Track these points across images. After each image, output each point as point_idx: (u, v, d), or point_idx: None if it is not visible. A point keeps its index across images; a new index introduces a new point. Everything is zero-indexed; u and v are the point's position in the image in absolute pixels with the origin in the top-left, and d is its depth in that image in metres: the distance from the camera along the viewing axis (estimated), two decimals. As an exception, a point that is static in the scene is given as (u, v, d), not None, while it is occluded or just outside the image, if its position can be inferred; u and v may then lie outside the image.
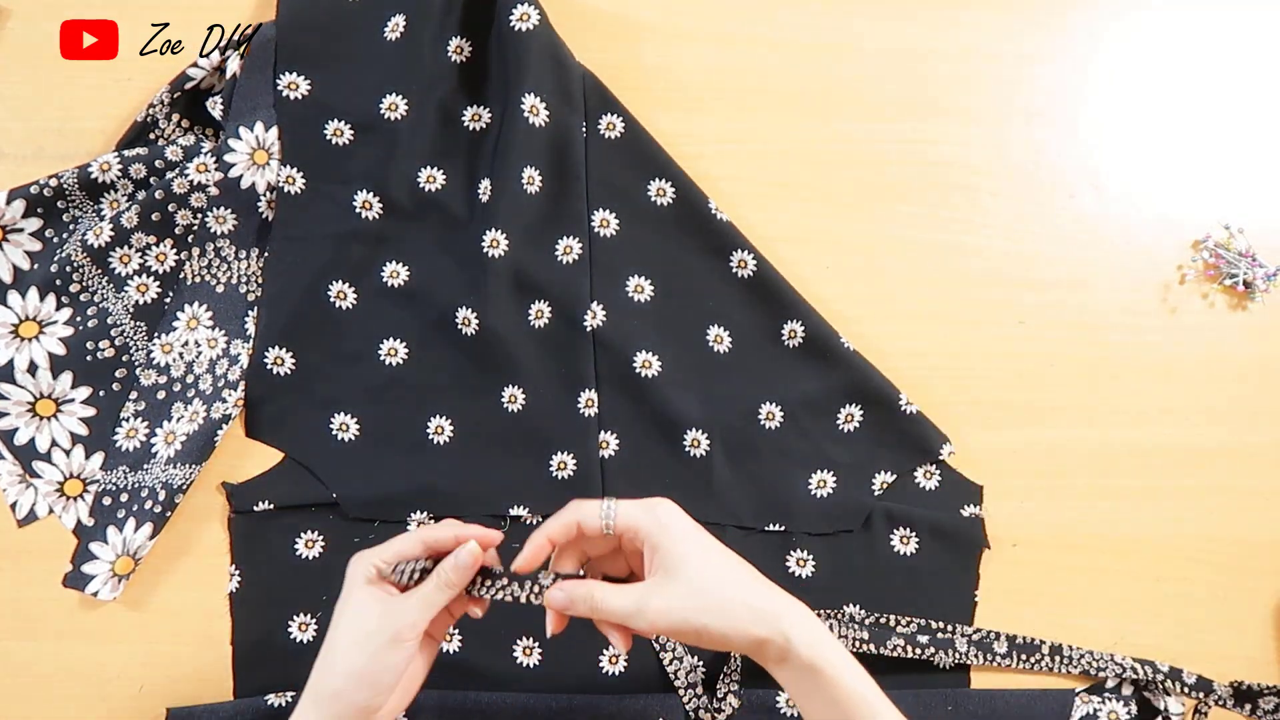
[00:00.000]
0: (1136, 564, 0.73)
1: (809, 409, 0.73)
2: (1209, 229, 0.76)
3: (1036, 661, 0.71)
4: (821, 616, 0.71)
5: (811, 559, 0.72)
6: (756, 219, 0.74)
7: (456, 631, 0.70)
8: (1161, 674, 0.70)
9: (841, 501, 0.72)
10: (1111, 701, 0.70)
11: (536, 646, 0.71)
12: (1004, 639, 0.71)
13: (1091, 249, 0.75)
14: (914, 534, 0.72)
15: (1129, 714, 0.70)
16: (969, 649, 0.70)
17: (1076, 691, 0.71)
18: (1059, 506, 0.73)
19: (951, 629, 0.71)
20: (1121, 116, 0.77)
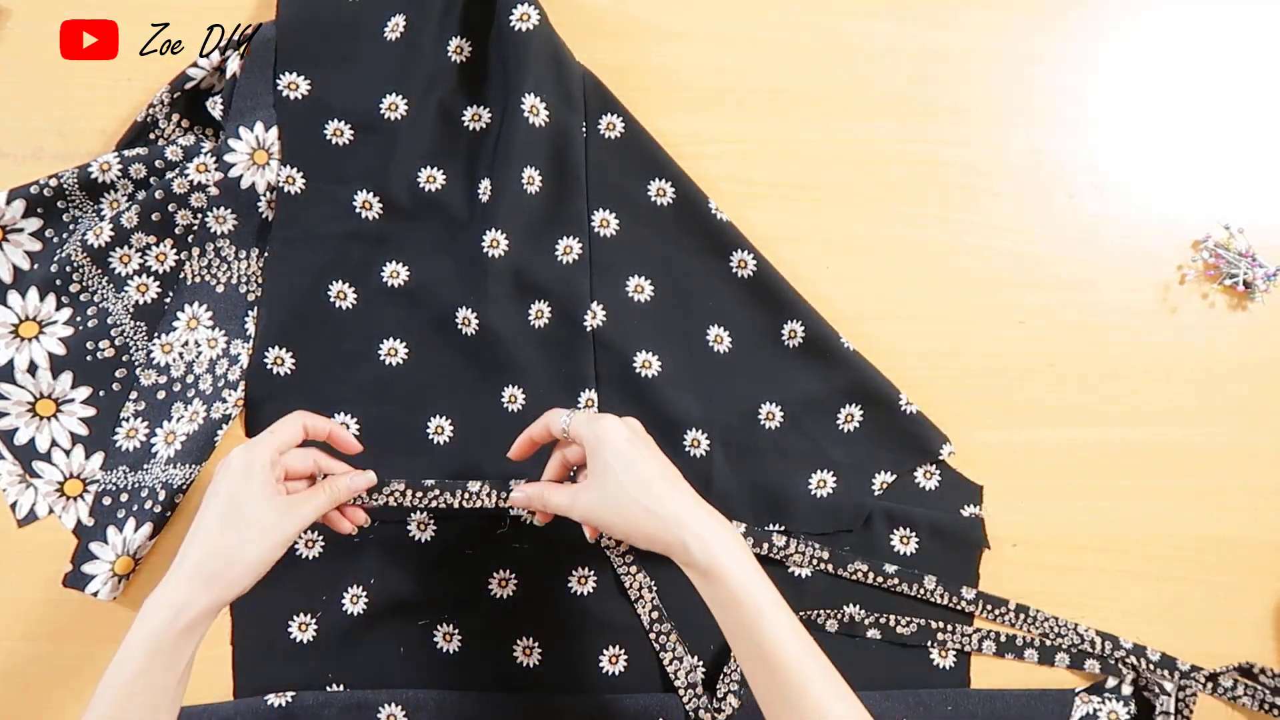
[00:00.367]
0: (1136, 564, 0.73)
1: (809, 409, 0.73)
2: (1209, 229, 0.76)
3: (1001, 615, 0.71)
4: (817, 615, 0.71)
5: (811, 559, 0.72)
6: (756, 219, 0.74)
7: (456, 631, 0.70)
8: (1124, 650, 0.71)
9: (841, 501, 0.72)
10: (1111, 701, 0.70)
11: (536, 646, 0.71)
12: (974, 594, 0.71)
13: (1091, 249, 0.75)
14: (914, 534, 0.72)
15: (1129, 714, 0.70)
16: (934, 593, 0.71)
17: (1076, 691, 0.71)
18: (1059, 506, 0.74)
19: (951, 628, 0.71)
20: (1121, 117, 0.77)
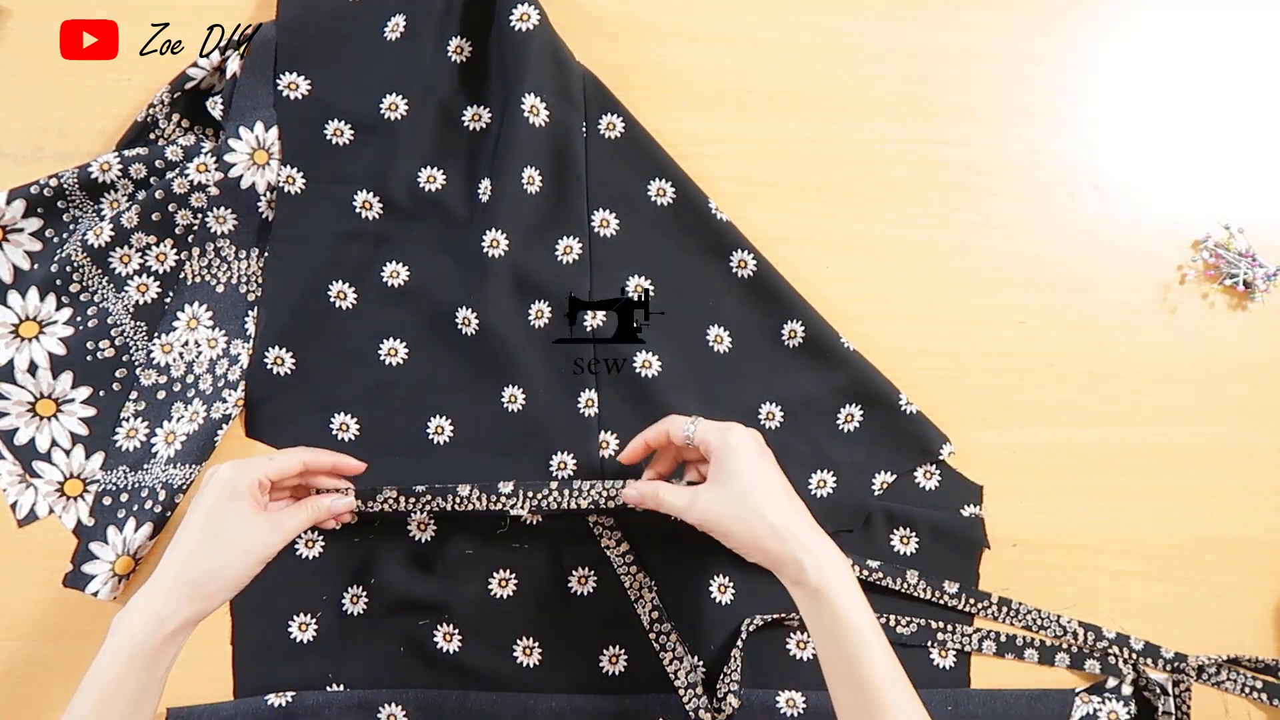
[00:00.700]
0: (1136, 564, 0.73)
1: (809, 409, 0.73)
2: (1209, 229, 0.76)
3: (984, 609, 0.71)
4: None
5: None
6: (756, 219, 0.74)
7: (456, 631, 0.70)
8: (1107, 640, 0.71)
9: (841, 501, 0.72)
10: (1111, 701, 0.70)
11: (537, 646, 0.71)
12: (956, 587, 0.71)
13: (1091, 249, 0.75)
14: (914, 534, 0.72)
15: (1129, 714, 0.70)
16: (917, 587, 0.71)
17: (1076, 691, 0.71)
18: (1059, 506, 0.73)
19: (951, 628, 0.71)
20: (1121, 116, 0.77)
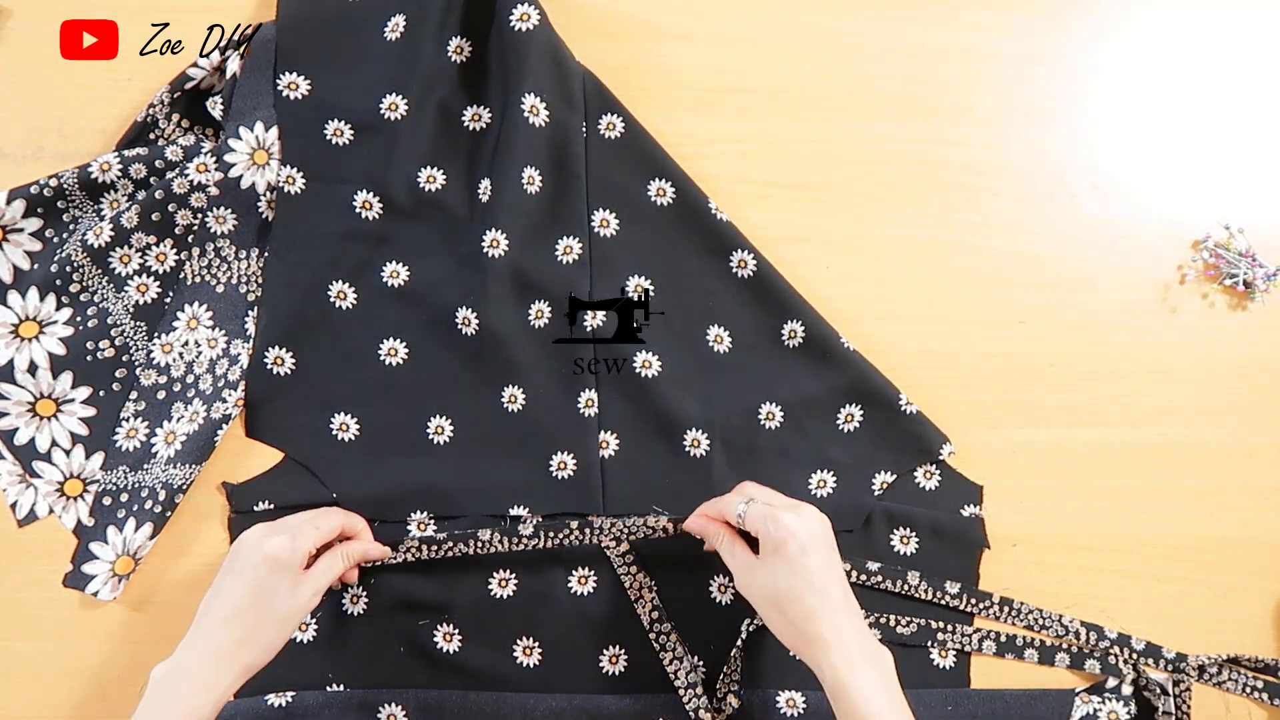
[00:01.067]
0: (1136, 564, 0.73)
1: (809, 409, 0.73)
2: (1209, 229, 0.76)
3: (986, 609, 0.71)
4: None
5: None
6: (756, 219, 0.74)
7: (456, 631, 0.70)
8: (1109, 640, 0.71)
9: (841, 501, 0.72)
10: (1111, 701, 0.70)
11: (536, 647, 0.71)
12: (958, 588, 0.71)
13: (1091, 249, 0.75)
14: (914, 534, 0.72)
15: (1129, 714, 0.70)
16: (918, 589, 0.71)
17: (1076, 691, 0.71)
18: (1059, 506, 0.73)
19: (951, 628, 0.71)
20: (1121, 116, 0.77)
